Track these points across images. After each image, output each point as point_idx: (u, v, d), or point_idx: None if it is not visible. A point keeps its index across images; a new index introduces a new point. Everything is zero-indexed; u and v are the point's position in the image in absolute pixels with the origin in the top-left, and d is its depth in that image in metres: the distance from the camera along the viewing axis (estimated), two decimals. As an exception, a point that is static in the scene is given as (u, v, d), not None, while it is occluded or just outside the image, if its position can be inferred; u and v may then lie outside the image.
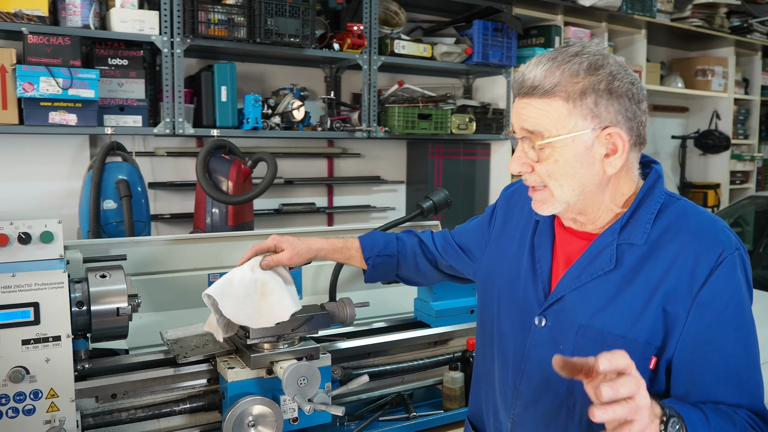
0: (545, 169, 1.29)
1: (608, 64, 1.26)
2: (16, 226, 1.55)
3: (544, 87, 1.25)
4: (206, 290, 1.63)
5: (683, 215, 1.31)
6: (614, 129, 1.26)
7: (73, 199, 3.54)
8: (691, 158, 7.08)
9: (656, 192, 1.33)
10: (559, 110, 1.25)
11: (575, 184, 1.29)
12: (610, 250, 1.31)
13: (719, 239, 1.25)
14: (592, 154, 1.27)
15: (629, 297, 1.28)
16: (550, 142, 1.27)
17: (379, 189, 4.93)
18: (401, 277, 1.89)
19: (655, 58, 6.64)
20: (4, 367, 1.44)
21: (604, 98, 1.24)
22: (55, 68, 3.17)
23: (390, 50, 4.32)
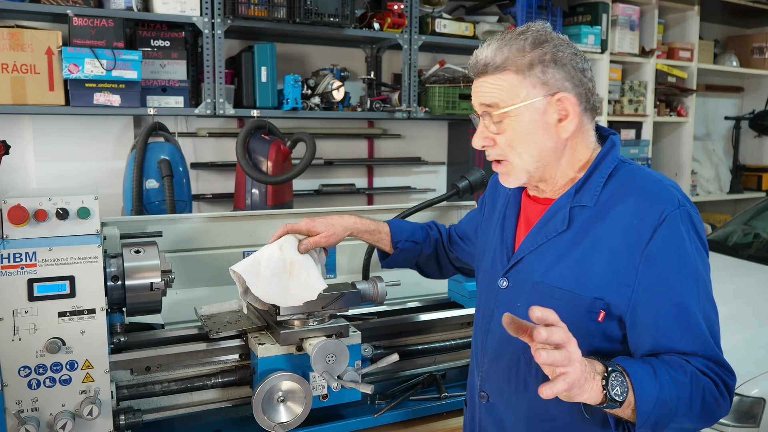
0: (505, 139, 1.40)
1: (551, 39, 1.37)
2: (54, 202, 1.58)
3: (496, 63, 1.37)
4: (233, 266, 1.65)
5: (631, 178, 1.39)
6: (563, 94, 1.36)
7: (117, 178, 3.62)
8: (746, 140, 6.85)
9: (609, 158, 1.42)
10: (510, 82, 1.37)
11: (533, 150, 1.39)
12: (563, 213, 1.41)
13: (662, 198, 1.32)
14: (546, 120, 1.37)
15: (578, 255, 1.36)
16: (506, 112, 1.37)
17: (420, 170, 4.90)
18: (420, 266, 1.92)
19: (709, 35, 6.41)
20: (41, 337, 1.48)
21: (551, 67, 1.35)
22: (99, 50, 3.23)
23: (431, 29, 4.27)
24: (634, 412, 1.19)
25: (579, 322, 1.31)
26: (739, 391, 2.81)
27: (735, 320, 3.35)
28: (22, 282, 1.46)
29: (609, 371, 1.17)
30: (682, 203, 1.32)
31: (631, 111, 5.54)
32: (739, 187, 6.63)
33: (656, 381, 1.20)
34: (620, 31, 5.31)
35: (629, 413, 1.20)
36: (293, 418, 1.65)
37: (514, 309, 1.41)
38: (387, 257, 1.87)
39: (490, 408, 1.52)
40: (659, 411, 1.19)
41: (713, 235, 4.70)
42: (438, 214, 2.55)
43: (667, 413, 1.21)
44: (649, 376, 1.20)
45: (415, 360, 2.01)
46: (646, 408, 1.18)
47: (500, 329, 1.39)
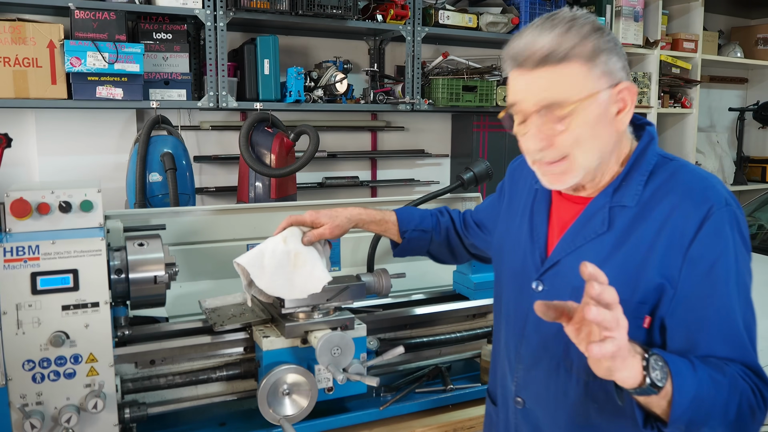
0: (571, 137, 1.25)
1: (601, 24, 1.28)
2: (57, 195, 1.58)
3: (559, 53, 1.22)
4: (237, 259, 1.64)
5: (674, 175, 1.30)
6: (625, 84, 1.27)
7: (120, 172, 3.61)
8: (750, 131, 6.81)
9: (649, 153, 1.33)
10: (577, 73, 1.23)
11: (598, 146, 1.28)
12: (603, 213, 1.32)
13: (707, 196, 1.25)
14: (609, 113, 1.26)
15: (621, 258, 1.28)
16: (574, 108, 1.23)
17: (423, 163, 4.89)
18: (432, 254, 1.89)
19: (713, 26, 6.38)
20: (45, 331, 1.48)
21: (613, 55, 1.25)
22: (101, 43, 3.21)
23: (434, 21, 4.25)
24: (669, 405, 1.11)
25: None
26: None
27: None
28: (26, 275, 1.46)
29: (650, 353, 1.10)
30: (728, 202, 1.25)
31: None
32: (743, 178, 6.60)
33: (695, 375, 1.13)
34: (624, 22, 5.28)
35: (664, 405, 1.11)
36: (298, 411, 1.64)
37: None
38: (397, 247, 1.85)
39: (526, 413, 1.44)
40: (695, 408, 1.12)
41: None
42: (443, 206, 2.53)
43: (703, 413, 1.13)
44: (688, 369, 1.13)
45: (420, 352, 2.00)
46: (683, 401, 1.10)
47: (536, 335, 1.39)
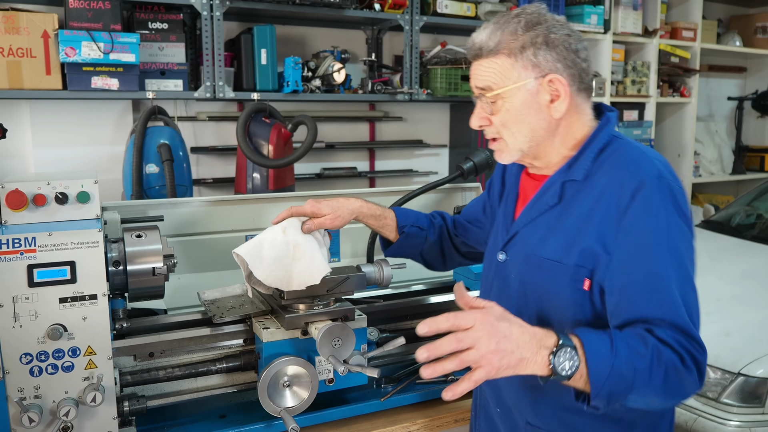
0: (499, 119, 1.45)
1: (545, 21, 1.41)
2: (53, 186, 1.55)
3: (489, 47, 1.42)
4: (236, 249, 1.63)
5: (617, 150, 1.43)
6: (554, 75, 1.40)
7: (116, 163, 3.58)
8: (748, 121, 6.80)
9: (602, 134, 1.45)
10: (503, 65, 1.42)
11: (526, 130, 1.44)
12: (555, 188, 1.46)
13: (642, 168, 1.36)
14: (538, 101, 1.42)
15: (565, 226, 1.41)
16: (499, 93, 1.42)
17: (422, 153, 4.87)
18: (423, 256, 1.91)
19: (712, 15, 6.35)
20: (42, 324, 1.46)
21: (542, 49, 1.39)
22: (96, 33, 3.18)
23: (432, 10, 4.22)
24: (587, 383, 1.19)
25: (566, 291, 1.38)
26: (744, 371, 2.80)
27: (739, 301, 3.34)
28: (22, 268, 1.44)
29: (559, 345, 1.18)
30: (663, 176, 1.34)
31: (634, 92, 5.49)
32: (741, 167, 6.60)
33: (612, 352, 1.20)
34: (623, 11, 5.25)
35: (582, 384, 1.21)
36: (299, 403, 1.63)
37: (508, 280, 1.52)
38: (389, 246, 1.86)
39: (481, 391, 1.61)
40: (614, 382, 1.19)
41: (716, 216, 4.68)
42: (442, 196, 2.52)
43: (624, 385, 1.20)
44: (605, 347, 1.20)
45: (421, 343, 1.98)
46: (599, 380, 1.19)
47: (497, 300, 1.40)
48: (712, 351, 2.87)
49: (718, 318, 3.15)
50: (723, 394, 2.81)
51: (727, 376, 2.82)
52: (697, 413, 2.84)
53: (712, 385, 2.85)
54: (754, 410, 2.78)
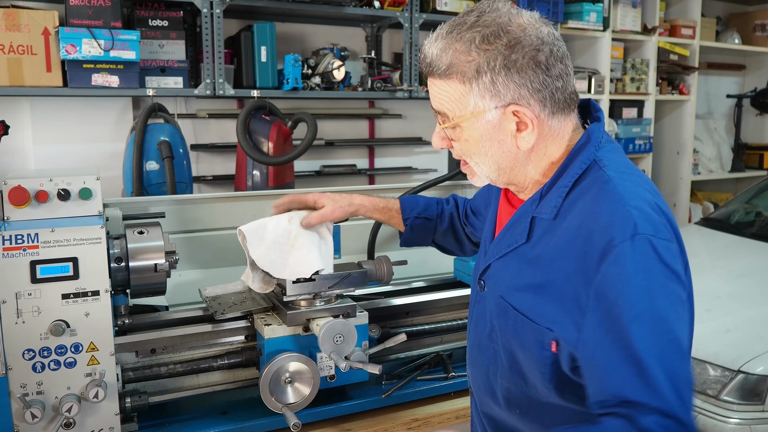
0: (460, 147, 1.26)
1: (506, 33, 1.15)
2: (56, 183, 1.56)
3: (440, 68, 1.20)
4: (241, 227, 1.63)
5: (593, 185, 1.18)
6: (517, 106, 1.18)
7: (117, 160, 3.58)
8: (747, 118, 6.81)
9: (579, 159, 1.22)
10: (457, 91, 1.20)
11: (489, 162, 1.25)
12: (524, 223, 1.26)
13: (614, 221, 1.11)
14: (502, 132, 1.21)
15: (534, 275, 1.21)
16: (456, 123, 1.23)
17: (421, 150, 4.87)
18: (437, 244, 1.86)
19: (711, 12, 6.35)
20: (45, 320, 1.46)
21: (501, 75, 1.16)
22: (97, 30, 3.18)
23: (432, 7, 4.22)
24: None
25: (533, 348, 1.21)
26: (744, 369, 2.81)
27: (739, 298, 3.35)
28: (25, 264, 1.44)
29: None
30: (638, 231, 1.09)
31: (633, 89, 5.50)
32: (740, 165, 6.60)
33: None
34: (622, 8, 5.26)
35: None
36: (301, 399, 1.64)
37: (483, 316, 1.35)
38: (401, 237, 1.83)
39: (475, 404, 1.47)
40: None
41: (716, 214, 4.69)
42: (443, 193, 2.52)
43: None
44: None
45: (422, 340, 1.99)
46: None
47: (475, 332, 1.40)
48: (711, 348, 2.90)
49: (717, 315, 3.16)
50: (723, 391, 2.81)
51: (726, 374, 2.83)
52: (696, 411, 2.84)
53: (712, 383, 2.86)
54: (754, 408, 2.78)
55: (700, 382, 2.89)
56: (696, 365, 2.93)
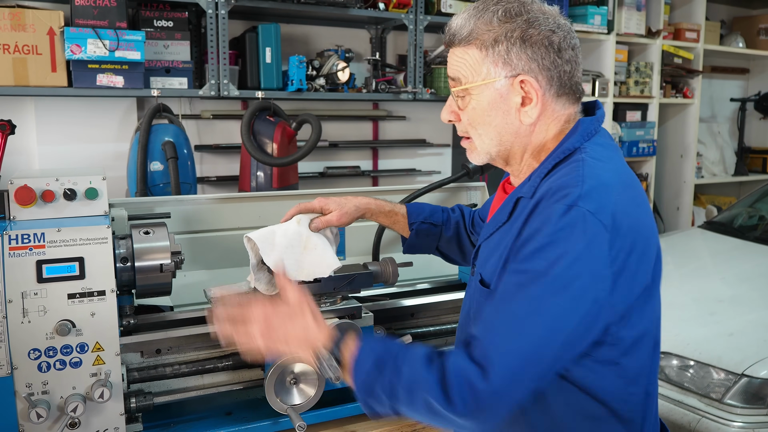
0: (466, 116, 1.34)
1: (527, 12, 1.27)
2: (62, 183, 1.56)
3: (461, 35, 1.30)
4: (249, 233, 1.63)
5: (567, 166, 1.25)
6: (526, 77, 1.26)
7: (121, 161, 3.59)
8: (751, 122, 6.81)
9: (565, 145, 1.29)
10: (474, 58, 1.29)
11: (492, 133, 1.32)
12: (509, 204, 1.31)
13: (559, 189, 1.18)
14: (508, 103, 1.29)
15: (501, 250, 1.26)
16: (466, 89, 1.31)
17: (425, 152, 4.87)
18: (441, 251, 1.86)
19: (715, 16, 6.35)
20: (51, 319, 1.46)
21: (516, 46, 1.25)
22: (102, 30, 3.18)
23: (437, 9, 4.22)
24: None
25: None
26: (747, 372, 2.80)
27: (742, 302, 3.35)
28: (31, 263, 1.44)
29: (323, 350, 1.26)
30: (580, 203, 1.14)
31: (637, 92, 5.49)
32: (744, 169, 6.60)
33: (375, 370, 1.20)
34: (627, 12, 5.26)
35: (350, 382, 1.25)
36: (306, 401, 1.64)
37: (468, 297, 1.41)
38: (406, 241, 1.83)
39: None
40: (373, 400, 1.22)
41: (719, 217, 4.69)
42: (448, 195, 2.52)
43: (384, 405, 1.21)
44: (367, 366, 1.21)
45: (426, 341, 1.99)
46: (358, 395, 1.24)
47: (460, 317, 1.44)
48: (715, 352, 2.90)
49: (721, 318, 3.16)
50: (726, 395, 2.81)
51: (730, 377, 2.82)
52: (700, 414, 2.84)
53: (716, 386, 2.85)
54: (758, 411, 2.78)
55: (703, 385, 2.89)
56: (700, 369, 2.93)
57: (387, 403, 1.21)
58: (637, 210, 1.22)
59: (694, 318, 3.22)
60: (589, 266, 1.13)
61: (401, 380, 1.17)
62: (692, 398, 2.90)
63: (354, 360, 1.23)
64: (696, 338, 3.04)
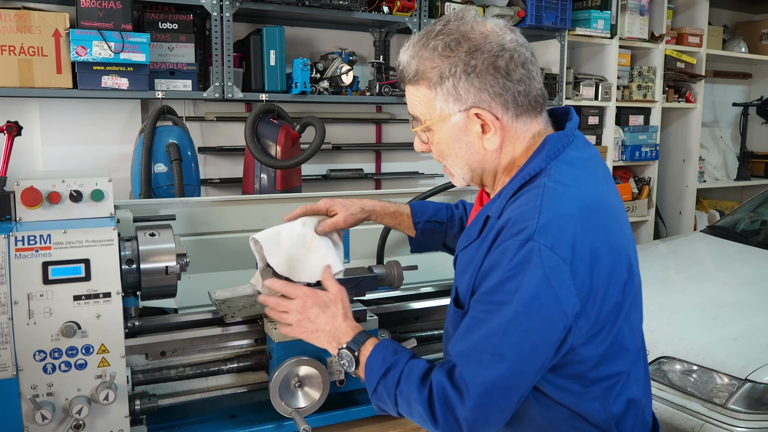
0: (434, 149, 1.37)
1: (467, 40, 1.24)
2: (68, 184, 1.56)
3: (409, 75, 1.30)
4: (254, 235, 1.63)
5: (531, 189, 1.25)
6: (478, 109, 1.26)
7: (125, 162, 3.59)
8: (753, 127, 6.81)
9: (531, 165, 1.29)
10: (426, 96, 1.30)
11: (461, 163, 1.34)
12: (479, 221, 1.32)
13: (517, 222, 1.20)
14: (469, 134, 1.30)
15: (472, 269, 1.28)
16: (427, 126, 1.32)
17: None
18: (448, 247, 1.86)
19: (718, 21, 6.36)
20: (56, 321, 1.46)
21: (462, 80, 1.25)
22: (107, 32, 3.19)
23: (440, 13, 4.22)
24: None
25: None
26: (751, 377, 2.79)
27: (745, 306, 3.33)
28: (37, 265, 1.44)
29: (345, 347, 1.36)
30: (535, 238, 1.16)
31: (639, 97, 5.50)
32: (746, 174, 6.60)
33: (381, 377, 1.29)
34: (630, 16, 5.26)
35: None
36: (310, 404, 1.63)
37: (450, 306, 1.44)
38: (412, 241, 1.83)
39: None
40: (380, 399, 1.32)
41: (721, 222, 4.68)
42: (451, 198, 2.52)
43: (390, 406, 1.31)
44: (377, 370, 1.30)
45: (431, 345, 1.99)
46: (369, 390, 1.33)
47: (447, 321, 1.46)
48: (719, 357, 2.90)
49: (724, 323, 3.15)
50: (730, 400, 2.80)
51: (734, 382, 2.82)
52: (703, 419, 2.83)
53: (719, 391, 2.85)
54: (762, 417, 2.77)
55: (706, 390, 2.88)
56: (703, 373, 2.92)
57: (391, 406, 1.30)
58: (601, 233, 1.22)
59: (697, 322, 3.21)
60: (549, 297, 1.15)
61: (401, 391, 1.27)
62: (695, 403, 2.89)
63: (366, 362, 1.33)
64: (699, 343, 3.03)
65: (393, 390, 1.28)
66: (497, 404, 1.18)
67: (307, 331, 1.43)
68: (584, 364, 1.24)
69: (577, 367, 1.25)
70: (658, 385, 2.99)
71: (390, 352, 1.32)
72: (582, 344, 1.22)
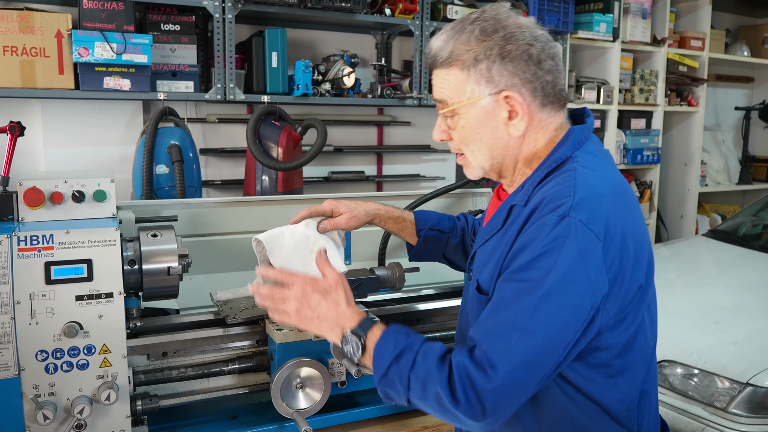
0: (457, 135, 1.37)
1: (503, 28, 1.29)
2: (70, 185, 1.57)
3: (442, 57, 1.33)
4: (257, 235, 1.63)
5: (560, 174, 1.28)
6: (510, 92, 1.29)
7: (126, 164, 3.59)
8: (755, 131, 6.81)
9: (557, 154, 1.33)
10: (457, 78, 1.32)
11: (484, 149, 1.35)
12: (503, 212, 1.35)
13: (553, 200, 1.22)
14: (495, 118, 1.32)
15: (497, 257, 1.30)
16: (453, 109, 1.34)
17: (429, 158, 4.87)
18: (448, 258, 1.87)
19: (720, 24, 6.36)
20: (58, 321, 1.46)
21: (497, 63, 1.28)
22: (110, 33, 3.19)
23: (443, 15, 4.23)
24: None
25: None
26: (752, 381, 2.79)
27: (747, 310, 3.33)
28: (39, 265, 1.45)
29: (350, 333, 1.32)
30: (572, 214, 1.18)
31: (641, 100, 5.50)
32: (748, 177, 6.60)
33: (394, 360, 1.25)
34: (632, 20, 5.26)
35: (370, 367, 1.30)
36: (312, 405, 1.63)
37: (465, 301, 1.45)
38: (413, 249, 1.83)
39: None
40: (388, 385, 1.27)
41: (723, 226, 4.68)
42: (453, 201, 2.52)
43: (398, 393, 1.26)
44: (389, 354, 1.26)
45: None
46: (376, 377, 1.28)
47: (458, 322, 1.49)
48: (720, 360, 2.89)
49: (725, 327, 3.15)
50: (731, 404, 2.80)
51: (735, 386, 2.81)
52: (704, 423, 2.83)
53: (720, 395, 2.85)
54: (763, 420, 2.77)
55: (708, 394, 2.88)
56: (704, 377, 2.92)
57: (402, 392, 1.25)
58: (628, 217, 1.26)
59: (698, 326, 3.21)
60: (583, 274, 1.17)
61: (417, 373, 1.22)
62: (696, 407, 2.89)
63: (376, 346, 1.28)
64: (700, 347, 3.03)
65: (407, 372, 1.23)
66: (522, 383, 1.16)
67: (306, 319, 1.39)
68: (609, 351, 1.25)
69: (603, 355, 1.25)
70: (660, 389, 2.99)
71: (402, 335, 1.29)
72: (609, 328, 1.23)
